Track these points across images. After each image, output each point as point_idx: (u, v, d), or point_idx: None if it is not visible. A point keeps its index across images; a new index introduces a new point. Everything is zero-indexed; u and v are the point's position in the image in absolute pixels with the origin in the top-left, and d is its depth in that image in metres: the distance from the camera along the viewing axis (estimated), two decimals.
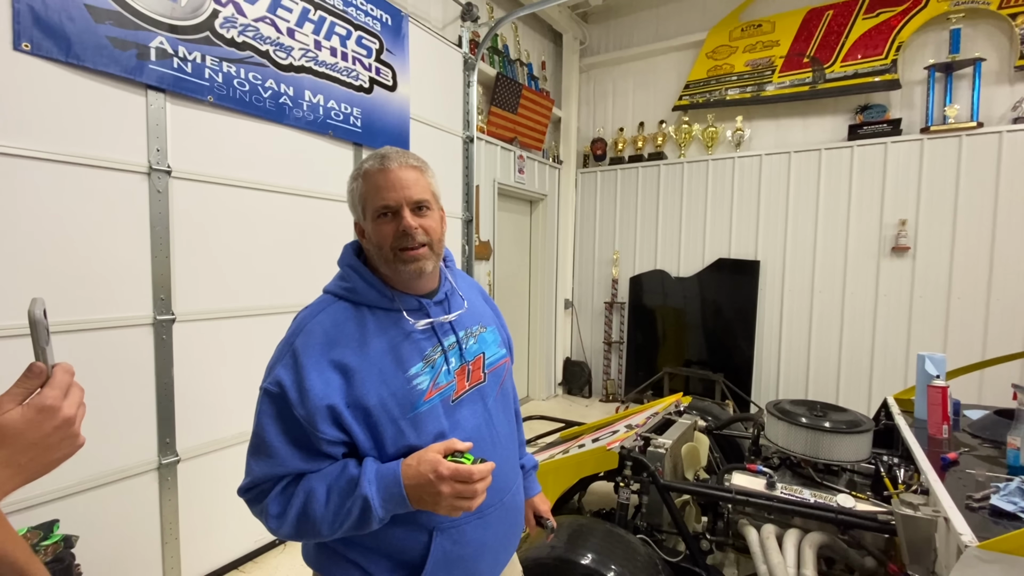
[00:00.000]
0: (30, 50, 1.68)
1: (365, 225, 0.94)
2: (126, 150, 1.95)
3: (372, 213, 0.91)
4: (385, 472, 0.84)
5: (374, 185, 0.91)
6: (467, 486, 0.81)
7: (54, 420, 0.53)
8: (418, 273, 0.93)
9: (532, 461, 1.30)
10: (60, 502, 1.77)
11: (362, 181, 0.93)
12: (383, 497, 0.82)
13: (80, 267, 1.84)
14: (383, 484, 0.82)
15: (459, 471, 0.80)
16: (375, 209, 0.91)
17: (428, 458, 0.82)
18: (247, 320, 2.36)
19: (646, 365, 5.11)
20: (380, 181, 0.91)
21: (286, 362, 0.85)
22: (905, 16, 3.95)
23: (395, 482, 0.82)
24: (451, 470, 0.80)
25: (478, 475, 0.81)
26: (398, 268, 0.92)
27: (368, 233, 0.94)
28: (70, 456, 0.57)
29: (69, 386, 0.56)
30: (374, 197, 0.91)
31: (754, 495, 1.71)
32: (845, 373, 4.30)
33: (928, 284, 3.95)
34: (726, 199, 4.75)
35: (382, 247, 0.91)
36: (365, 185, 0.92)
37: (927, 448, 1.69)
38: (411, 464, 0.83)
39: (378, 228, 0.91)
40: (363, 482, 0.82)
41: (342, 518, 0.82)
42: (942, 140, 3.84)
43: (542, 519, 1.26)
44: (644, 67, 5.25)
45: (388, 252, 0.91)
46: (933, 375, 1.91)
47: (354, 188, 0.95)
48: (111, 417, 1.93)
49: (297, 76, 2.53)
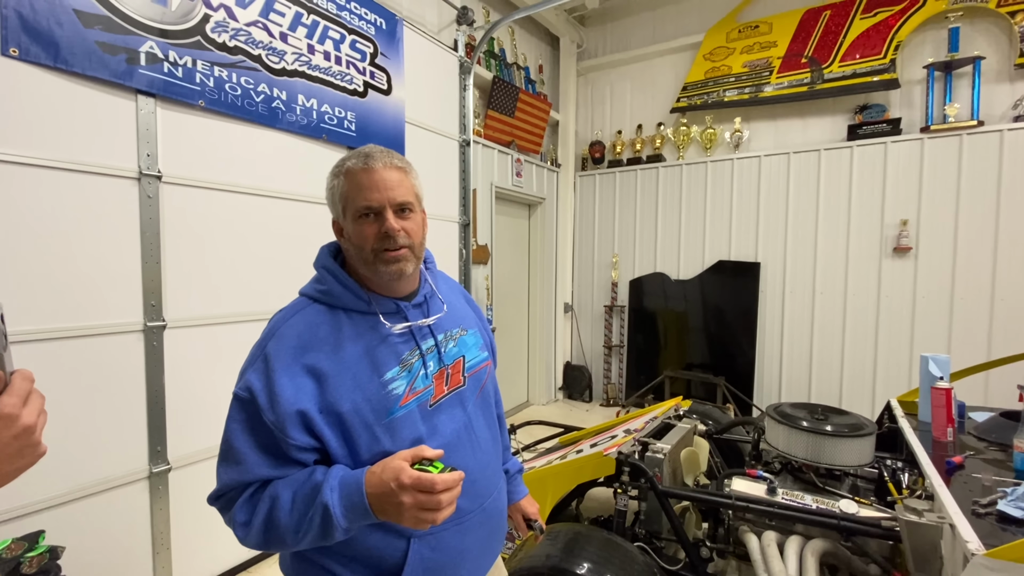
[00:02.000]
0: (18, 55, 1.67)
1: (344, 224, 0.92)
2: (116, 155, 1.93)
3: (353, 213, 0.89)
4: (348, 480, 0.79)
5: (356, 184, 0.88)
6: (430, 497, 0.75)
7: (12, 429, 0.51)
8: (398, 275, 0.90)
9: (517, 465, 1.28)
10: (46, 512, 1.74)
11: (344, 179, 0.90)
12: (345, 506, 0.77)
13: (69, 273, 1.82)
14: (345, 492, 0.78)
15: (421, 480, 0.75)
16: (357, 209, 0.88)
17: (392, 465, 0.77)
18: (240, 326, 2.34)
19: (647, 369, 5.07)
20: (363, 180, 0.88)
21: (257, 367, 0.83)
22: (903, 15, 3.92)
23: (357, 491, 0.77)
24: (413, 479, 0.75)
25: (441, 485, 0.75)
26: (378, 269, 0.89)
27: (348, 232, 0.91)
28: (31, 465, 0.54)
29: (29, 393, 0.53)
30: (356, 197, 0.88)
31: (754, 501, 1.68)
32: (848, 375, 4.25)
33: (931, 284, 3.90)
34: (725, 201, 4.73)
35: (363, 248, 0.89)
36: (347, 183, 0.89)
37: (931, 452, 1.65)
38: (375, 471, 0.79)
39: (359, 228, 0.89)
40: (324, 489, 0.78)
41: (305, 527, 0.78)
42: (942, 139, 3.81)
43: (531, 521, 1.24)
44: (641, 70, 5.24)
45: (369, 253, 0.89)
46: (937, 376, 1.88)
47: (335, 185, 0.92)
48: (101, 425, 1.90)
49: (290, 80, 2.52)
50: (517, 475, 1.27)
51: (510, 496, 1.23)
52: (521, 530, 1.26)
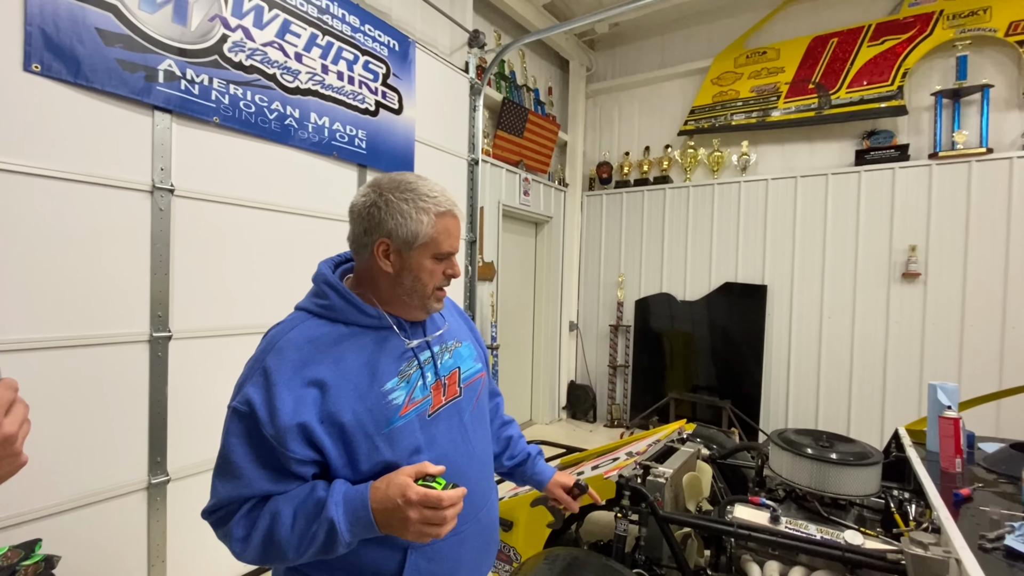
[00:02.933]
0: (40, 71, 1.72)
1: (408, 256, 0.92)
2: (130, 168, 1.98)
3: (435, 253, 0.93)
4: (353, 495, 0.81)
5: (446, 229, 0.94)
6: (436, 512, 0.78)
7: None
8: (435, 311, 0.99)
9: (536, 448, 1.32)
10: (44, 521, 1.74)
11: (435, 219, 0.92)
12: (350, 521, 0.79)
13: (79, 283, 1.85)
14: (350, 507, 0.80)
15: (428, 497, 0.78)
16: (442, 252, 0.94)
17: (397, 482, 0.80)
18: (246, 338, 2.35)
19: (652, 390, 5.02)
20: (452, 228, 0.95)
21: (256, 380, 0.84)
22: (911, 44, 3.96)
23: (363, 506, 0.79)
24: (420, 495, 0.78)
25: (447, 501, 0.78)
26: (429, 304, 0.96)
27: (411, 265, 0.92)
28: (10, 476, 0.54)
29: (11, 403, 0.53)
30: (444, 241, 0.94)
31: (757, 529, 1.64)
32: (857, 402, 4.18)
33: (940, 311, 3.86)
34: (732, 223, 4.73)
35: (427, 284, 0.94)
36: (438, 225, 0.93)
37: (939, 483, 1.62)
38: (380, 487, 0.80)
39: (433, 267, 0.94)
40: (329, 504, 0.79)
41: (308, 542, 0.80)
42: (951, 166, 3.80)
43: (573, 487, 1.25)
44: (650, 93, 5.31)
45: (430, 290, 0.95)
46: (945, 405, 1.84)
47: (421, 221, 0.91)
48: (102, 434, 1.91)
49: (303, 99, 2.58)
50: (538, 456, 1.30)
51: (543, 476, 1.27)
52: (565, 502, 1.26)
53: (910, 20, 3.98)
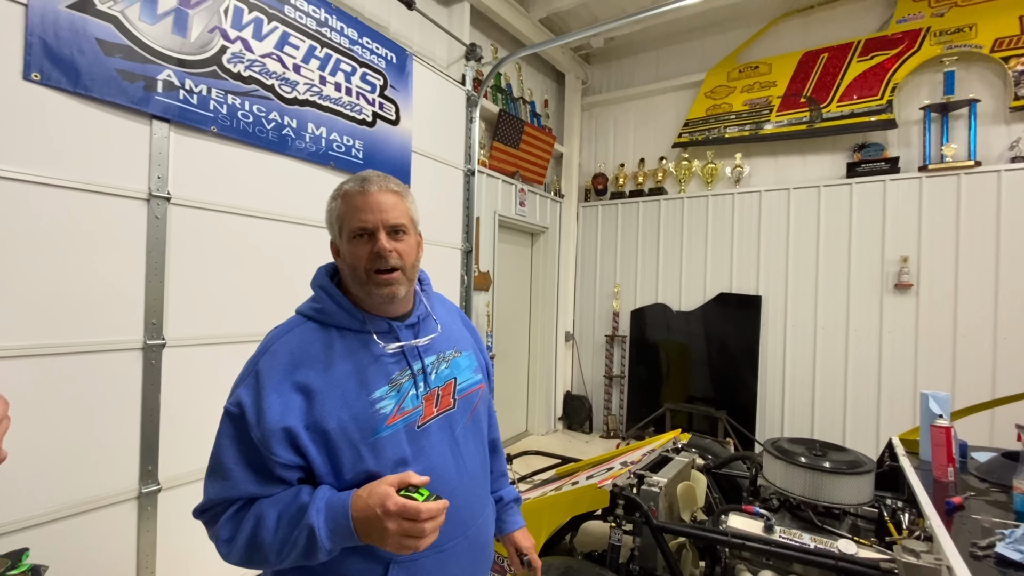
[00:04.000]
0: (39, 80, 1.74)
1: (340, 245, 0.95)
2: (127, 177, 1.98)
3: (348, 233, 0.92)
4: (334, 502, 0.80)
5: (352, 206, 0.91)
6: (414, 524, 0.77)
7: None
8: (390, 298, 0.92)
9: (513, 493, 1.24)
10: (32, 530, 1.72)
11: (341, 201, 0.93)
12: (330, 528, 0.79)
13: (74, 289, 1.85)
14: (331, 515, 0.79)
15: (407, 508, 0.76)
16: (351, 230, 0.91)
17: (378, 491, 0.79)
18: (240, 346, 2.35)
19: (648, 400, 5.02)
20: (359, 202, 0.91)
21: (248, 383, 0.85)
22: (899, 59, 4.03)
23: (343, 514, 0.79)
24: (399, 506, 0.76)
25: (426, 514, 0.77)
26: (371, 291, 0.91)
27: (343, 253, 0.94)
28: None
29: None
30: (351, 218, 0.91)
31: (751, 539, 1.64)
32: (851, 411, 4.19)
33: (933, 322, 3.89)
34: (726, 234, 4.77)
35: (356, 268, 0.91)
36: (344, 205, 0.93)
37: (932, 492, 1.62)
38: (361, 496, 0.79)
39: (353, 249, 0.91)
40: (311, 511, 0.79)
41: (289, 547, 0.79)
42: (941, 178, 3.86)
43: (523, 557, 1.20)
44: (644, 106, 5.38)
45: (362, 273, 0.91)
46: (937, 414, 1.85)
47: (333, 208, 0.95)
48: (93, 442, 1.89)
49: (301, 109, 2.60)
50: (514, 504, 1.24)
51: (505, 526, 1.20)
52: (513, 564, 1.22)
53: (898, 36, 4.06)
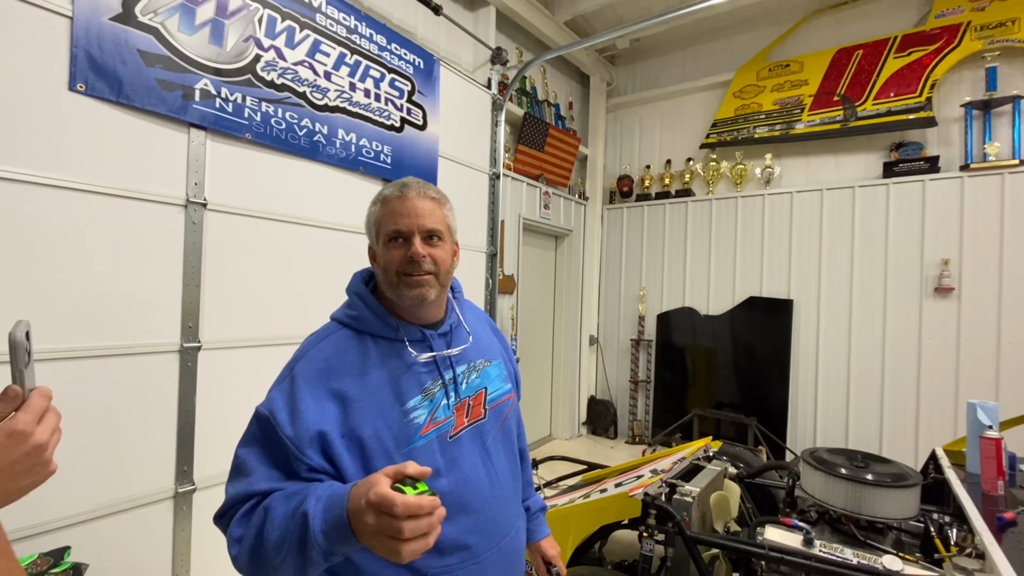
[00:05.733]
0: (84, 90, 1.80)
1: (377, 248, 0.96)
2: (166, 184, 2.04)
3: (384, 237, 0.93)
4: (335, 491, 0.72)
5: (390, 210, 0.93)
6: (391, 522, 0.63)
7: (24, 446, 0.51)
8: (419, 300, 0.92)
9: (539, 502, 1.24)
10: (73, 529, 1.78)
11: (380, 206, 0.95)
12: (326, 519, 0.69)
13: (114, 294, 1.91)
14: (329, 504, 0.70)
15: (383, 499, 0.63)
16: (387, 233, 0.92)
17: (372, 479, 0.68)
18: (273, 349, 2.39)
19: (675, 406, 4.93)
20: (396, 207, 0.92)
21: (283, 386, 0.85)
22: (938, 55, 3.89)
23: (340, 503, 0.69)
24: (378, 496, 0.64)
25: (401, 509, 0.63)
26: (401, 293, 0.91)
27: (378, 256, 0.95)
28: (40, 483, 0.54)
29: (44, 411, 0.54)
30: (388, 222, 0.92)
31: (789, 552, 1.59)
32: (889, 420, 4.04)
33: (976, 327, 3.73)
34: (756, 236, 4.66)
35: (388, 270, 0.92)
36: (382, 210, 0.94)
37: (981, 506, 1.55)
38: (359, 485, 0.69)
39: (388, 252, 0.92)
40: (310, 498, 0.71)
41: (286, 544, 0.71)
42: (983, 178, 3.70)
43: (550, 566, 1.20)
44: (671, 106, 5.31)
45: (393, 276, 0.91)
46: (986, 425, 1.77)
47: (372, 212, 0.97)
48: (131, 443, 1.95)
49: (331, 115, 2.64)
50: (540, 513, 1.23)
51: (531, 535, 1.19)
52: (540, 572, 1.22)
53: (937, 32, 3.92)
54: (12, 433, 0.51)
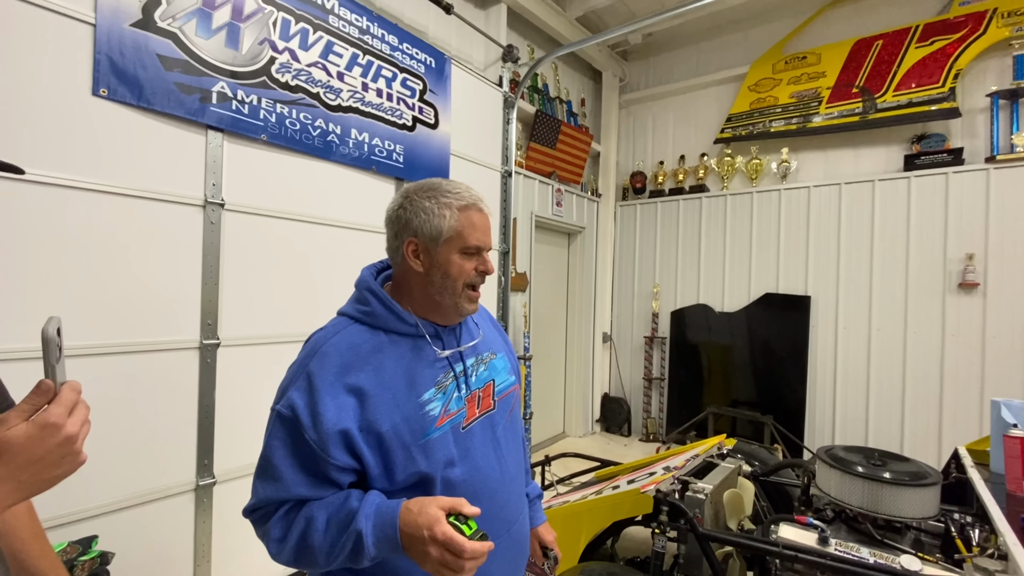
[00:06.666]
0: (107, 95, 1.85)
1: (437, 252, 0.93)
2: (185, 185, 2.09)
3: (461, 246, 0.93)
4: (384, 511, 0.82)
5: (471, 222, 0.94)
6: (455, 559, 0.75)
7: (56, 437, 0.54)
8: (469, 313, 0.98)
9: (536, 489, 1.28)
10: (100, 519, 1.84)
11: (458, 214, 0.93)
12: (377, 536, 0.80)
13: (136, 293, 1.96)
14: (379, 523, 0.80)
15: (452, 542, 0.75)
16: (468, 245, 0.94)
17: (429, 512, 0.78)
18: (289, 346, 2.43)
19: (689, 404, 4.89)
20: (478, 221, 0.95)
21: (300, 385, 0.86)
22: (962, 43, 3.79)
23: (391, 524, 0.80)
24: (445, 537, 0.75)
25: (469, 554, 0.75)
26: (459, 303, 0.95)
27: (439, 261, 0.93)
28: (71, 473, 0.57)
29: (75, 404, 0.57)
30: (470, 234, 0.94)
31: (804, 551, 1.57)
32: (910, 418, 3.96)
33: (1002, 323, 3.63)
34: (772, 232, 4.60)
35: (456, 280, 0.93)
36: (463, 219, 0.93)
37: (1005, 506, 1.51)
38: (411, 510, 0.80)
39: (463, 262, 0.94)
40: (360, 517, 0.80)
41: (337, 551, 0.81)
42: (1010, 170, 3.59)
43: (547, 550, 1.24)
44: (684, 101, 5.25)
45: (459, 286, 0.94)
46: (1011, 424, 1.73)
47: (443, 216, 0.92)
48: (154, 436, 2.00)
49: (344, 116, 2.67)
50: (537, 500, 1.27)
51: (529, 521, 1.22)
52: (536, 557, 1.26)
53: (961, 19, 3.81)
54: (45, 425, 0.53)
